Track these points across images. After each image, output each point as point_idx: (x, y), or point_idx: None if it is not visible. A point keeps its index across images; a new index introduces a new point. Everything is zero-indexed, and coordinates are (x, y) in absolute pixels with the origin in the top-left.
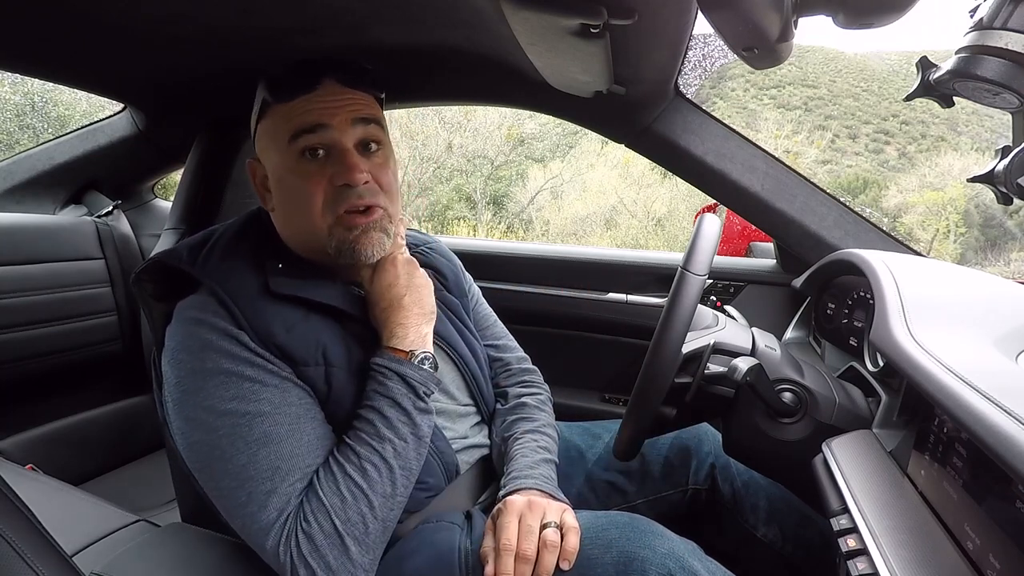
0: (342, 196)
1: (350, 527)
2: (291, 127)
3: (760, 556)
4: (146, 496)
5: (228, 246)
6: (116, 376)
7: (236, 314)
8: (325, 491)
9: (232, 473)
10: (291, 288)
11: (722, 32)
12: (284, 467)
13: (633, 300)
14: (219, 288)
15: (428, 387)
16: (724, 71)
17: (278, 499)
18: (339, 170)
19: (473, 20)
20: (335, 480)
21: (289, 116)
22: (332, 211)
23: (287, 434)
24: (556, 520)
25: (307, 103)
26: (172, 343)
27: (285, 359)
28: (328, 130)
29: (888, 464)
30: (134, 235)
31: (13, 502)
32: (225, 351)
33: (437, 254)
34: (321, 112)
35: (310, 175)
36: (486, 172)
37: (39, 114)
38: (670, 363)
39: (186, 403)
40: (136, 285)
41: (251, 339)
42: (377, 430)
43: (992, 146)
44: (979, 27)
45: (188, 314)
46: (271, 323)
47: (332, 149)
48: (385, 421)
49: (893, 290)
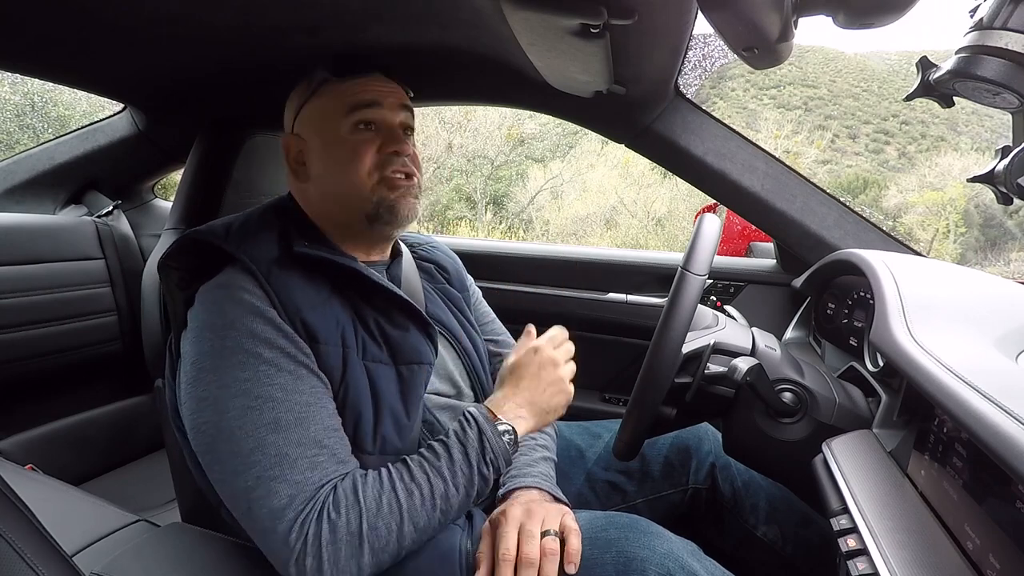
0: (389, 161)
1: (374, 536)
2: (351, 101)
3: (760, 556)
4: (146, 496)
5: (256, 225)
6: (116, 376)
7: (267, 288)
8: (365, 493)
9: (240, 456)
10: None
11: (722, 32)
12: (292, 454)
13: (633, 300)
14: (251, 262)
15: (498, 457)
16: (724, 71)
17: (287, 486)
18: (388, 141)
19: (473, 20)
20: (380, 487)
21: (348, 93)
22: (379, 171)
23: (295, 422)
24: (555, 527)
25: (364, 84)
26: (196, 323)
27: (308, 337)
28: (380, 109)
29: (888, 464)
30: (134, 235)
31: (13, 502)
32: (248, 330)
33: (438, 251)
34: (377, 92)
35: (363, 142)
36: (486, 172)
37: (39, 114)
38: (670, 363)
39: (200, 381)
40: (163, 271)
41: (279, 315)
42: (438, 465)
43: (992, 146)
44: (979, 27)
45: (216, 293)
46: (298, 298)
47: (381, 125)
48: (450, 462)
49: (893, 290)
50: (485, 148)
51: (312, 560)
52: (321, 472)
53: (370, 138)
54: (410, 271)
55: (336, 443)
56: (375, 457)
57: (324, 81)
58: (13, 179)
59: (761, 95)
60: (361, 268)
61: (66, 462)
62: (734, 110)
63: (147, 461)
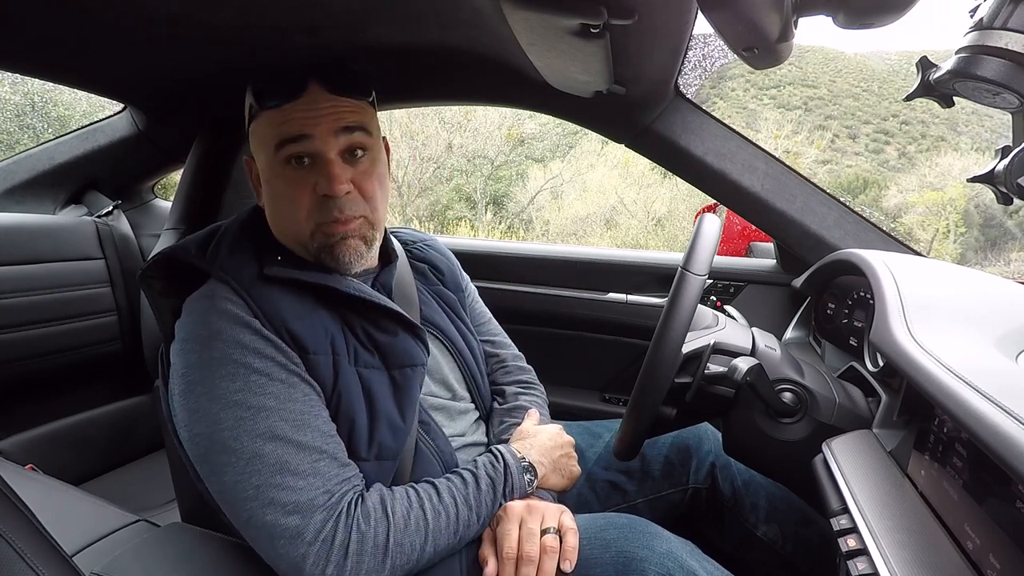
0: (324, 207)
1: (398, 551)
2: (276, 135)
3: (760, 555)
4: (146, 496)
5: (233, 240)
6: (116, 376)
7: (248, 300)
8: (395, 508)
9: (237, 468)
10: (289, 275)
11: (722, 32)
12: (292, 461)
13: (633, 300)
14: (230, 277)
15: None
16: (724, 71)
17: (290, 493)
18: (321, 180)
19: (473, 20)
20: (408, 505)
21: (274, 123)
22: (314, 219)
23: (292, 430)
24: (555, 524)
25: (291, 111)
26: (182, 334)
27: (296, 347)
28: (311, 140)
29: (888, 464)
30: (134, 235)
31: (13, 502)
32: (235, 340)
33: (433, 250)
34: (304, 122)
35: (295, 181)
36: (486, 172)
37: (39, 114)
38: (670, 363)
39: (191, 394)
40: (143, 282)
41: (263, 326)
42: (466, 493)
43: (992, 146)
44: (979, 27)
45: (199, 304)
46: (284, 310)
47: (316, 157)
48: (477, 492)
49: (893, 290)
50: (485, 148)
51: (334, 568)
52: (324, 477)
53: (302, 176)
54: (403, 275)
55: (335, 448)
56: (371, 463)
57: (253, 107)
58: (13, 179)
59: (761, 95)
60: (336, 284)
61: (66, 462)
62: (734, 110)
63: (147, 461)
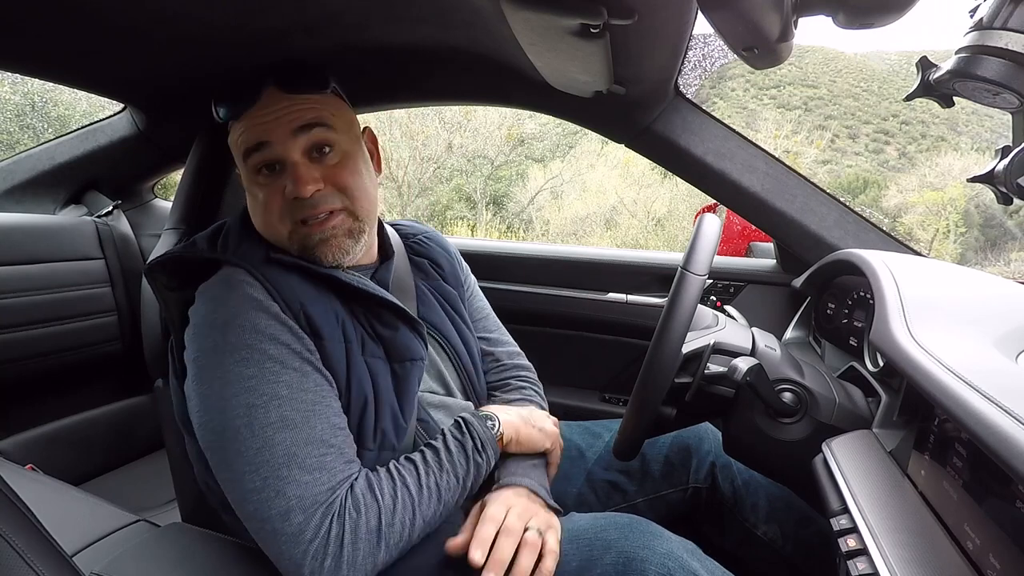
0: (296, 207)
1: (391, 532)
2: (242, 145)
3: (760, 555)
4: (146, 496)
5: (239, 231)
6: (116, 376)
7: (264, 282)
8: (382, 490)
9: (246, 456)
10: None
11: (722, 32)
12: (300, 454)
13: (633, 300)
14: (243, 261)
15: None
16: (724, 71)
17: (296, 487)
18: (288, 184)
19: (473, 20)
20: (393, 484)
21: (238, 133)
22: (289, 220)
23: (302, 421)
24: (541, 527)
25: (251, 119)
26: (197, 319)
27: (311, 333)
28: (270, 147)
29: (888, 464)
30: (134, 235)
31: (13, 502)
32: (251, 325)
33: (434, 244)
34: (261, 129)
35: (266, 188)
36: (486, 172)
37: (39, 114)
38: (670, 363)
39: (203, 379)
40: (149, 277)
41: (282, 310)
42: (439, 459)
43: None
44: (979, 27)
45: (216, 289)
46: (296, 290)
47: (282, 163)
48: (448, 455)
49: (893, 290)
50: (485, 148)
51: (331, 561)
52: (329, 472)
53: (274, 181)
54: (401, 271)
55: (343, 442)
56: (374, 453)
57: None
58: (13, 179)
59: (761, 95)
60: (341, 276)
61: (66, 462)
62: (734, 110)
63: (147, 461)
